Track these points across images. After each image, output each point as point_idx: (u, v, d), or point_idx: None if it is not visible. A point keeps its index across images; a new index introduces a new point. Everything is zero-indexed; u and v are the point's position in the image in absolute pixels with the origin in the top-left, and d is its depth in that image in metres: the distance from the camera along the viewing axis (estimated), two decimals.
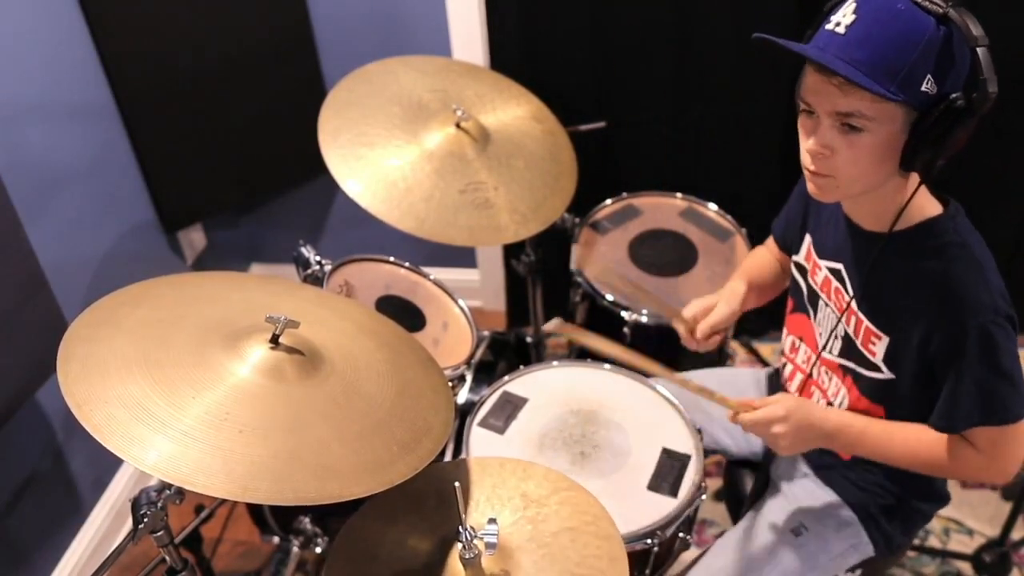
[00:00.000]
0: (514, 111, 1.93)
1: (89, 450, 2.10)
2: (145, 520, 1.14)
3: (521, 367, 1.65)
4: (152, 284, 1.29)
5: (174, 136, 2.24)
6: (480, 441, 1.50)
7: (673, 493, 1.42)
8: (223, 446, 1.02)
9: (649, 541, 1.36)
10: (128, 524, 2.09)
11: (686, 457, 1.47)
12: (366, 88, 1.82)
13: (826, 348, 1.39)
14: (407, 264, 1.84)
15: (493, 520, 1.12)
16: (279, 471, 1.03)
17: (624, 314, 1.83)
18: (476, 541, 1.11)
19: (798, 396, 1.42)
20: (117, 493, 2.20)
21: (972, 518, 2.10)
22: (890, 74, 1.06)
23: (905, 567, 2.01)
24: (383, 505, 1.24)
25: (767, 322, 1.68)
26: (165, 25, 2.09)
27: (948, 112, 1.07)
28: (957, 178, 1.27)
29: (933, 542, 2.06)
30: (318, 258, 1.68)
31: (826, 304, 1.39)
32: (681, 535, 1.44)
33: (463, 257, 2.71)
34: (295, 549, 1.88)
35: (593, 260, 1.97)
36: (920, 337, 1.21)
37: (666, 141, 2.33)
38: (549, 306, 2.24)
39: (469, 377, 1.76)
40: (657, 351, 1.79)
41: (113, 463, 2.23)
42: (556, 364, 1.66)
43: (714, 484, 2.04)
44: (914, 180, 1.18)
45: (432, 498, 1.24)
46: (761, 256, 1.64)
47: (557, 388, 1.60)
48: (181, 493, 1.18)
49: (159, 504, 1.15)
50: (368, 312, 1.47)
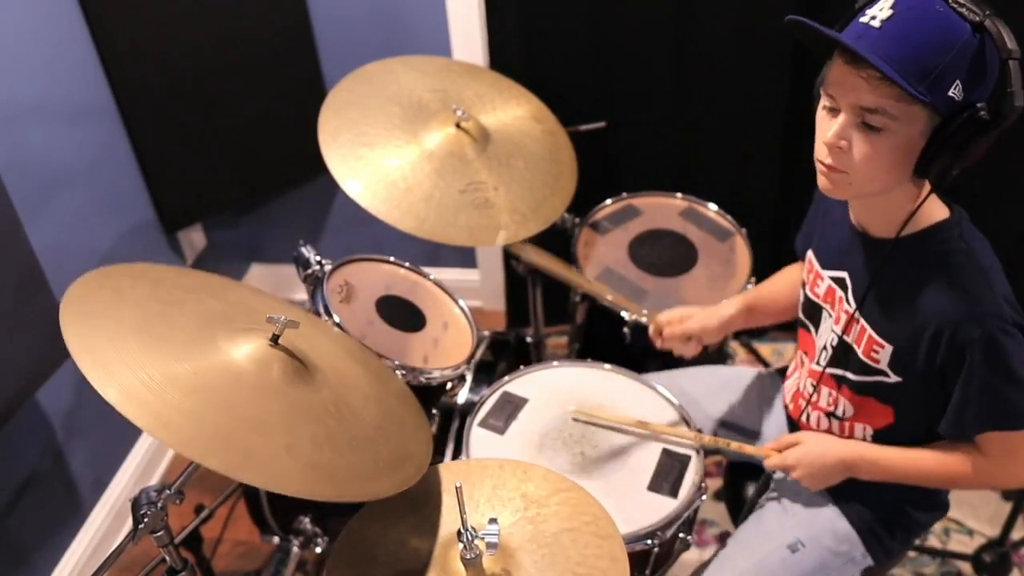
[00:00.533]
0: (514, 111, 1.93)
1: (89, 450, 2.10)
2: (145, 520, 1.14)
3: (521, 367, 1.66)
4: (153, 267, 1.31)
5: (174, 136, 2.24)
6: (480, 441, 1.50)
7: (673, 493, 1.42)
8: (221, 423, 1.04)
9: (649, 542, 1.36)
10: (128, 524, 2.08)
11: (686, 457, 1.47)
12: (366, 88, 1.82)
13: (818, 360, 1.38)
14: (407, 264, 1.84)
15: (494, 520, 1.12)
16: (274, 459, 1.04)
17: (624, 314, 1.83)
18: (477, 541, 1.11)
19: (814, 433, 1.41)
20: (117, 493, 2.20)
21: (972, 518, 2.10)
22: (921, 74, 1.04)
23: (905, 567, 2.01)
24: (384, 506, 1.24)
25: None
26: (165, 25, 2.09)
27: (971, 121, 1.05)
28: (957, 178, 1.26)
29: (933, 542, 2.06)
30: (318, 258, 1.68)
31: (829, 315, 1.37)
32: (681, 535, 1.44)
33: (463, 257, 2.71)
34: (295, 549, 1.88)
35: (593, 260, 1.97)
36: (927, 344, 1.20)
37: (666, 141, 2.33)
38: (549, 306, 2.24)
39: (469, 377, 1.76)
40: (657, 351, 1.79)
41: (113, 463, 2.23)
42: (556, 364, 1.66)
43: (714, 484, 2.04)
44: (925, 187, 1.17)
45: (433, 499, 1.24)
46: (781, 275, 1.62)
47: (557, 388, 1.60)
48: (181, 493, 1.18)
49: (159, 504, 1.15)
50: (353, 343, 1.49)
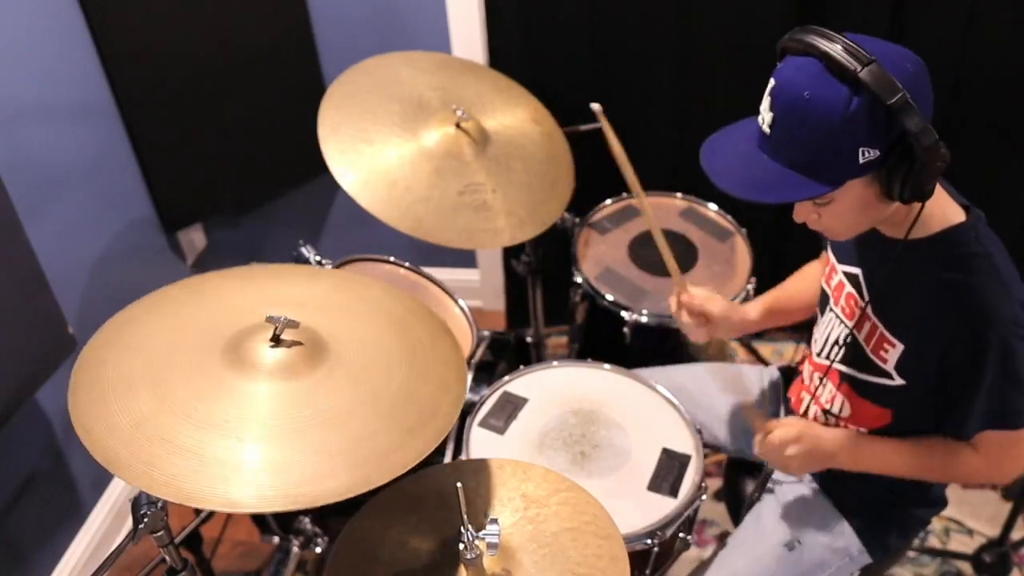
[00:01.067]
0: (514, 112, 1.93)
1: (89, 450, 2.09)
2: (145, 520, 1.14)
3: (521, 367, 1.66)
4: (157, 297, 1.30)
5: (174, 136, 2.24)
6: (480, 441, 1.50)
7: (673, 493, 1.42)
8: (226, 460, 1.04)
9: (649, 541, 1.36)
10: (128, 524, 2.09)
11: (686, 457, 1.47)
12: (366, 83, 1.81)
13: (820, 353, 1.38)
14: (407, 264, 1.84)
15: (494, 520, 1.12)
16: (282, 477, 1.03)
17: (624, 314, 1.83)
18: (477, 541, 1.11)
19: (806, 419, 1.41)
20: (117, 493, 2.20)
21: (972, 518, 2.10)
22: (822, 167, 1.07)
23: (905, 567, 2.01)
24: (385, 506, 1.24)
25: None
26: (165, 25, 2.09)
27: (901, 164, 1.06)
28: (957, 179, 1.27)
29: (933, 542, 2.06)
30: (318, 258, 1.68)
31: (831, 309, 1.37)
32: (681, 535, 1.44)
33: (463, 257, 2.71)
34: (295, 549, 1.88)
35: (593, 260, 1.97)
36: (940, 347, 1.21)
37: (666, 141, 2.33)
38: (549, 306, 2.23)
39: (469, 377, 1.76)
40: (658, 350, 1.80)
41: None
42: (556, 364, 1.66)
43: (714, 484, 2.04)
44: None
45: (433, 499, 1.24)
46: (801, 274, 1.61)
47: (557, 388, 1.60)
48: None
49: (159, 504, 1.15)
50: (382, 286, 1.43)
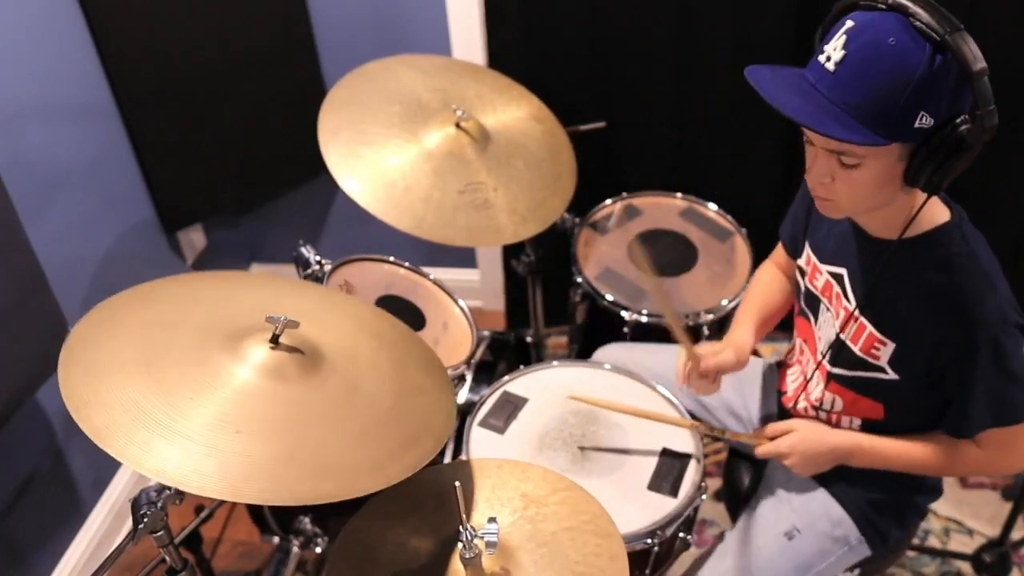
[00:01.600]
0: (514, 111, 1.93)
1: (89, 450, 2.09)
2: (145, 520, 1.14)
3: (521, 367, 1.66)
4: (152, 286, 1.29)
5: (174, 136, 2.24)
6: (480, 441, 1.50)
7: (673, 493, 1.42)
8: (222, 447, 1.02)
9: (649, 541, 1.36)
10: (128, 524, 2.09)
11: (686, 457, 1.47)
12: (366, 87, 1.82)
13: (823, 353, 1.38)
14: (407, 264, 1.84)
15: (493, 519, 1.12)
16: (276, 472, 1.03)
17: (624, 314, 1.83)
18: (476, 540, 1.11)
19: (807, 421, 1.41)
20: (117, 493, 2.20)
21: (972, 518, 2.10)
22: (882, 117, 1.05)
23: (905, 567, 2.01)
24: (384, 506, 1.24)
25: None
26: (165, 25, 2.09)
27: (944, 145, 1.06)
28: (957, 178, 1.26)
29: (933, 542, 2.06)
30: (318, 258, 1.68)
31: (827, 309, 1.37)
32: (681, 535, 1.44)
33: (463, 257, 2.71)
34: (295, 549, 1.88)
35: (593, 260, 1.97)
36: (930, 346, 1.21)
37: (666, 141, 2.33)
38: (549, 306, 2.23)
39: (469, 377, 1.76)
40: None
41: (113, 463, 2.22)
42: (556, 364, 1.66)
43: (714, 484, 2.04)
44: (921, 193, 1.16)
45: (432, 499, 1.24)
46: (766, 283, 1.60)
47: (557, 388, 1.60)
48: (181, 493, 1.17)
49: (159, 504, 1.15)
50: (371, 309, 1.47)
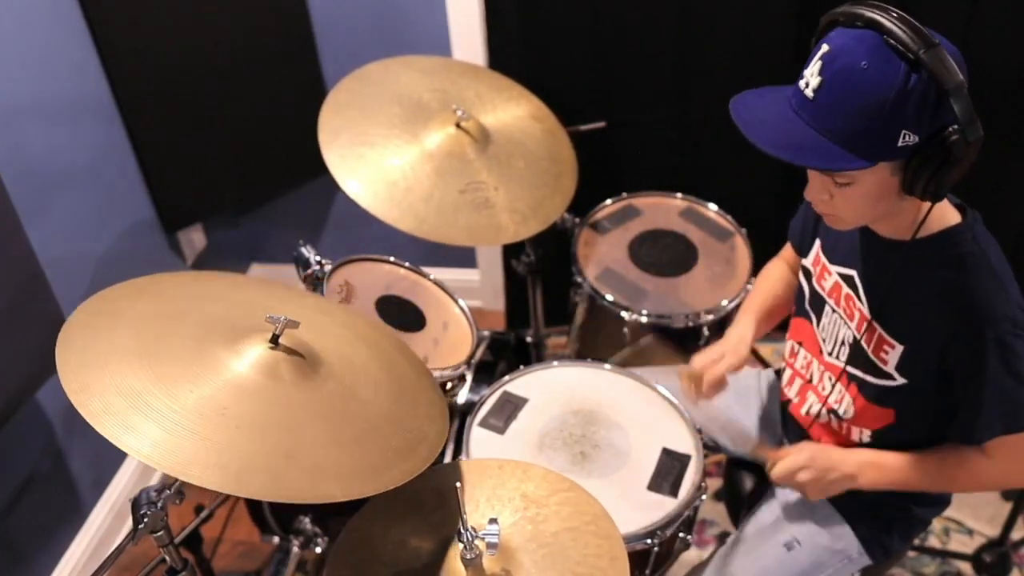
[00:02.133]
0: (514, 111, 1.93)
1: (89, 450, 2.10)
2: (145, 520, 1.14)
3: (521, 367, 1.65)
4: (153, 279, 1.29)
5: (174, 136, 2.24)
6: (480, 441, 1.50)
7: (673, 493, 1.42)
8: (219, 439, 1.02)
9: (649, 541, 1.36)
10: (128, 524, 2.08)
11: (686, 457, 1.47)
12: (366, 88, 1.82)
13: (832, 354, 1.38)
14: (407, 264, 1.84)
15: (494, 520, 1.12)
16: (274, 467, 1.03)
17: (624, 314, 1.83)
18: (477, 541, 1.11)
19: (816, 444, 1.40)
20: (117, 493, 2.20)
21: (972, 518, 2.10)
22: (863, 141, 1.05)
23: (905, 567, 2.01)
24: (384, 506, 1.24)
25: None
26: (165, 25, 2.09)
27: (932, 159, 1.06)
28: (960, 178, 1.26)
29: (933, 542, 2.06)
30: (318, 258, 1.68)
31: (833, 310, 1.37)
32: (681, 535, 1.44)
33: (463, 257, 2.71)
34: (295, 549, 1.88)
35: (593, 260, 1.97)
36: (938, 347, 1.21)
37: (666, 141, 2.33)
38: (549, 306, 2.23)
39: (469, 377, 1.76)
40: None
41: (113, 463, 2.22)
42: (556, 364, 1.66)
43: (714, 484, 2.04)
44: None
45: (433, 499, 1.24)
46: (772, 277, 1.61)
47: (557, 388, 1.60)
48: (181, 493, 1.17)
49: (159, 504, 1.15)
50: (365, 320, 1.47)
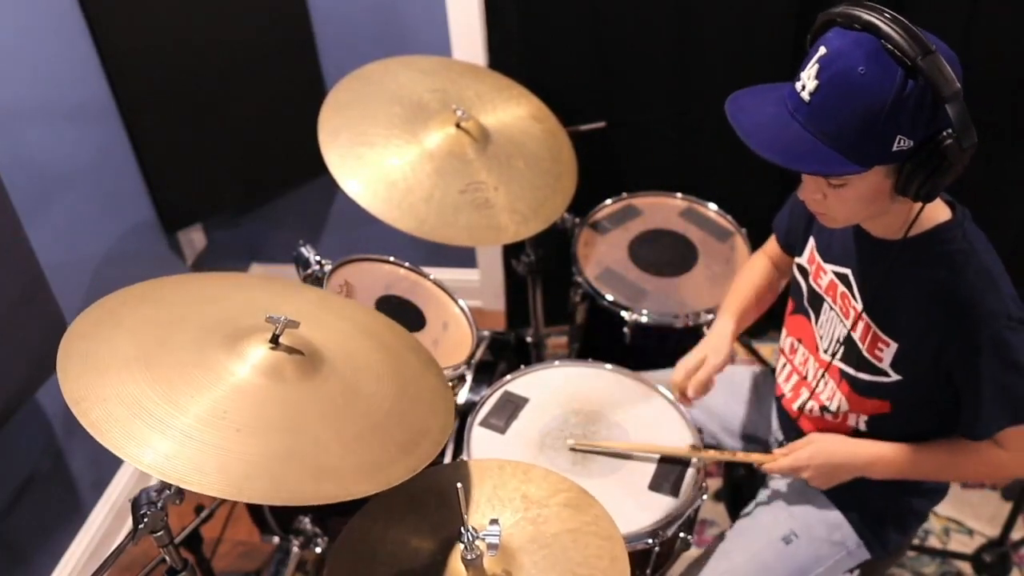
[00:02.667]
0: (514, 111, 1.93)
1: (89, 450, 2.10)
2: (145, 520, 1.14)
3: (522, 367, 1.65)
4: (153, 284, 1.28)
5: (174, 136, 2.24)
6: (481, 441, 1.50)
7: (674, 493, 1.42)
8: (220, 445, 1.02)
9: (650, 541, 1.36)
10: (128, 524, 2.09)
11: (687, 457, 1.47)
12: (366, 88, 1.82)
13: (827, 351, 1.38)
14: (407, 264, 1.84)
15: (495, 521, 1.12)
16: (275, 471, 1.03)
17: (624, 314, 1.83)
18: (478, 542, 1.11)
19: (822, 435, 1.40)
20: (117, 493, 2.20)
21: (972, 518, 2.10)
22: (858, 145, 1.06)
23: (905, 567, 2.01)
24: (385, 506, 1.24)
25: (767, 322, 1.68)
26: (165, 25, 2.09)
27: (926, 163, 1.06)
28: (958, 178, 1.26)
29: (933, 542, 2.06)
30: (318, 258, 1.68)
31: (831, 307, 1.37)
32: (682, 535, 1.44)
33: (463, 257, 2.71)
34: (295, 549, 1.87)
35: (593, 260, 1.97)
36: (934, 346, 1.21)
37: (666, 141, 2.33)
38: (549, 306, 2.23)
39: (469, 377, 1.76)
40: (658, 350, 1.79)
41: (113, 463, 2.22)
42: (557, 364, 1.66)
43: (714, 484, 2.04)
44: None
45: (433, 499, 1.24)
46: (753, 271, 1.61)
47: (558, 388, 1.60)
48: (181, 493, 1.17)
49: (159, 504, 1.15)
50: (369, 313, 1.47)
